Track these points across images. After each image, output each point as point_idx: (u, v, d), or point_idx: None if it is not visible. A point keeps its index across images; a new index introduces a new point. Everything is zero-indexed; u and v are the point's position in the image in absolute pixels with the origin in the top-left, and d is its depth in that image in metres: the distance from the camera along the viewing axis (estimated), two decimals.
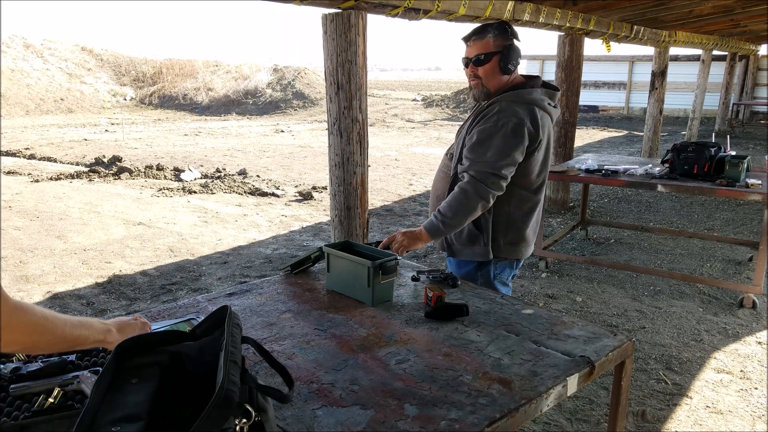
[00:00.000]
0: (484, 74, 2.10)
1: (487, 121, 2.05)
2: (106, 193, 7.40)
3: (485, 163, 2.02)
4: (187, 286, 4.33)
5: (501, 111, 2.04)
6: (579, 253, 5.03)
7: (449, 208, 2.06)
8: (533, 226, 2.24)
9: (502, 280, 2.26)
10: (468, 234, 2.18)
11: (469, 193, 2.03)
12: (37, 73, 20.22)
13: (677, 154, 4.01)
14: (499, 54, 2.06)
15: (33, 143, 11.90)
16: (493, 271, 2.22)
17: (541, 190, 2.21)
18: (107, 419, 0.93)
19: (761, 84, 15.67)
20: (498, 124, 2.02)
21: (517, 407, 1.28)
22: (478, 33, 2.09)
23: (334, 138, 3.41)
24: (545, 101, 2.10)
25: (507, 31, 2.07)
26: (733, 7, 5.98)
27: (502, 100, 2.07)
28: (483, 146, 2.04)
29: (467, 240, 2.20)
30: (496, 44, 2.06)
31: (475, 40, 2.09)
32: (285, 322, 1.72)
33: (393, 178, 8.57)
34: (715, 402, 2.78)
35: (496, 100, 2.08)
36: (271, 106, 20.43)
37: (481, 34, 2.08)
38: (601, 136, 13.62)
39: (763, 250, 3.73)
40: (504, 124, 2.02)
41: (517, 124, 2.01)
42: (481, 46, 2.08)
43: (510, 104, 2.05)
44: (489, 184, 2.02)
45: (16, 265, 4.73)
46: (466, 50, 2.14)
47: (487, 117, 2.06)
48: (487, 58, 2.07)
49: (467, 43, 2.13)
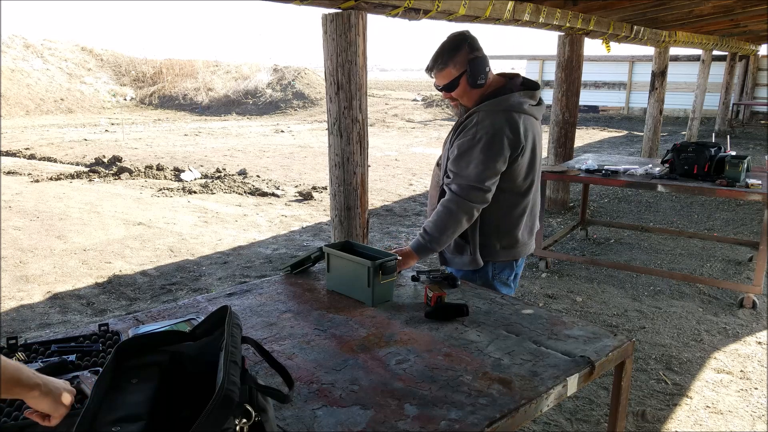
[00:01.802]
0: (458, 95, 2.10)
1: (466, 134, 2.04)
2: (106, 193, 7.40)
3: (467, 177, 2.02)
4: (187, 286, 4.33)
5: (478, 123, 2.02)
6: (579, 253, 5.03)
7: (434, 226, 2.06)
8: (527, 226, 2.23)
9: (502, 280, 2.25)
10: (455, 245, 2.19)
11: (452, 210, 2.02)
12: (37, 73, 20.22)
13: (677, 154, 4.00)
14: (464, 74, 2.04)
15: (33, 143, 11.90)
16: (491, 272, 2.22)
17: (530, 191, 2.18)
18: (107, 419, 0.93)
19: (761, 84, 15.67)
20: (476, 137, 2.01)
21: (517, 407, 1.28)
22: (437, 62, 2.07)
23: (334, 138, 3.41)
24: (525, 104, 2.06)
25: (465, 46, 2.04)
26: (733, 7, 5.98)
27: (480, 110, 2.05)
28: (463, 160, 2.03)
29: (455, 250, 2.20)
30: (457, 67, 2.04)
31: (437, 72, 2.08)
32: (285, 322, 1.72)
33: (393, 178, 8.57)
34: (715, 402, 2.78)
35: (474, 111, 2.06)
36: (271, 106, 20.43)
37: (439, 64, 2.06)
38: (601, 136, 13.62)
39: (763, 250, 3.73)
40: (481, 137, 2.00)
41: (494, 135, 1.99)
42: (444, 75, 2.07)
43: (488, 114, 2.03)
44: (472, 198, 2.01)
45: (16, 265, 4.73)
46: (434, 80, 2.13)
47: (466, 130, 2.05)
48: (454, 83, 2.06)
49: (431, 74, 2.12)
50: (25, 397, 1.00)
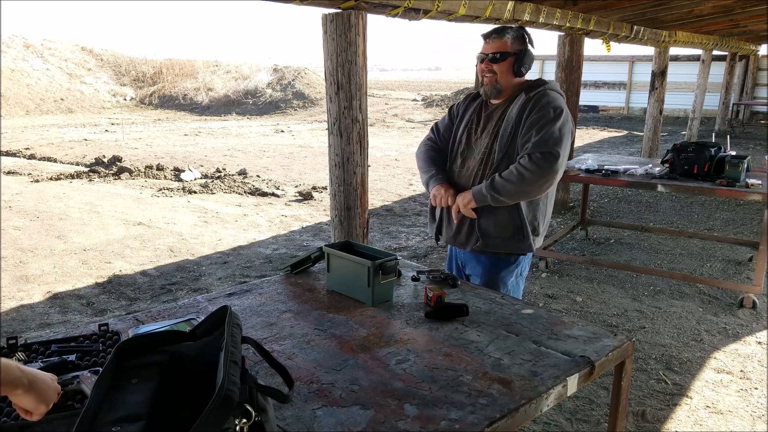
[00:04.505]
0: (500, 70, 2.17)
1: (542, 110, 2.10)
2: (106, 193, 7.40)
3: (554, 145, 2.05)
4: (187, 286, 4.33)
5: (551, 102, 2.11)
6: (579, 253, 5.03)
7: (504, 186, 2.08)
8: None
9: (524, 274, 2.32)
10: (512, 226, 2.18)
11: (532, 173, 2.05)
12: (37, 73, 20.22)
13: (677, 154, 4.00)
14: (515, 56, 2.16)
15: (33, 143, 11.90)
16: (525, 263, 2.27)
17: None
18: (107, 419, 0.93)
19: (761, 84, 15.67)
20: (555, 113, 2.09)
21: (517, 407, 1.28)
22: (498, 32, 2.18)
23: (334, 138, 3.41)
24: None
25: (525, 36, 2.19)
26: (733, 7, 5.98)
27: (548, 90, 2.15)
28: (546, 132, 2.07)
29: (508, 231, 2.19)
30: (513, 46, 2.16)
31: (494, 39, 2.17)
32: (285, 322, 1.72)
33: (393, 178, 8.57)
34: (715, 402, 2.78)
35: (541, 91, 2.14)
36: (271, 106, 20.43)
37: (500, 34, 2.17)
38: (601, 136, 13.62)
39: (763, 250, 3.73)
40: (558, 114, 2.09)
41: (567, 114, 2.12)
42: (499, 44, 2.16)
43: (555, 95, 2.14)
44: (556, 168, 2.06)
45: (16, 265, 4.73)
46: (483, 46, 2.21)
47: (540, 106, 2.11)
48: (503, 57, 2.16)
49: (486, 40, 2.20)
50: (9, 394, 1.02)
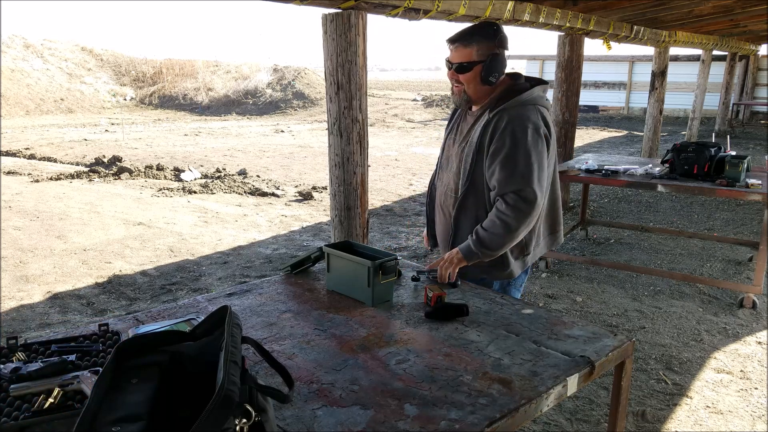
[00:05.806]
0: (466, 81, 2.00)
1: (503, 137, 1.92)
2: (106, 193, 7.40)
3: (523, 181, 1.88)
4: (187, 286, 4.33)
5: (513, 121, 1.91)
6: (579, 253, 5.03)
7: (491, 239, 1.93)
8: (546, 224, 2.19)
9: (516, 285, 2.19)
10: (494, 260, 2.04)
11: (511, 226, 1.90)
12: (37, 73, 20.22)
13: (677, 154, 4.00)
14: (482, 64, 1.95)
15: (33, 143, 11.90)
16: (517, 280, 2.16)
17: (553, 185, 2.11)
18: (107, 419, 0.93)
19: (761, 84, 15.66)
20: (516, 137, 1.90)
21: (517, 407, 1.28)
22: (463, 38, 1.97)
23: (334, 138, 3.41)
24: (543, 97, 2.02)
25: (494, 38, 1.95)
26: (733, 7, 5.97)
27: (508, 108, 1.94)
28: (510, 164, 1.90)
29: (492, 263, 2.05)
30: (479, 53, 1.95)
31: (459, 47, 1.98)
32: (285, 322, 1.72)
33: (393, 178, 8.57)
34: (715, 402, 2.78)
35: (501, 110, 1.95)
36: (271, 106, 20.43)
37: (466, 40, 1.96)
38: (601, 136, 13.62)
39: (763, 250, 3.73)
40: (521, 136, 1.90)
41: (535, 131, 1.91)
42: (464, 53, 1.97)
43: (518, 112, 1.94)
44: (533, 209, 1.90)
45: (16, 265, 4.73)
46: (449, 53, 2.02)
47: (500, 132, 1.93)
48: (469, 67, 1.97)
49: (451, 46, 2.01)
50: None
